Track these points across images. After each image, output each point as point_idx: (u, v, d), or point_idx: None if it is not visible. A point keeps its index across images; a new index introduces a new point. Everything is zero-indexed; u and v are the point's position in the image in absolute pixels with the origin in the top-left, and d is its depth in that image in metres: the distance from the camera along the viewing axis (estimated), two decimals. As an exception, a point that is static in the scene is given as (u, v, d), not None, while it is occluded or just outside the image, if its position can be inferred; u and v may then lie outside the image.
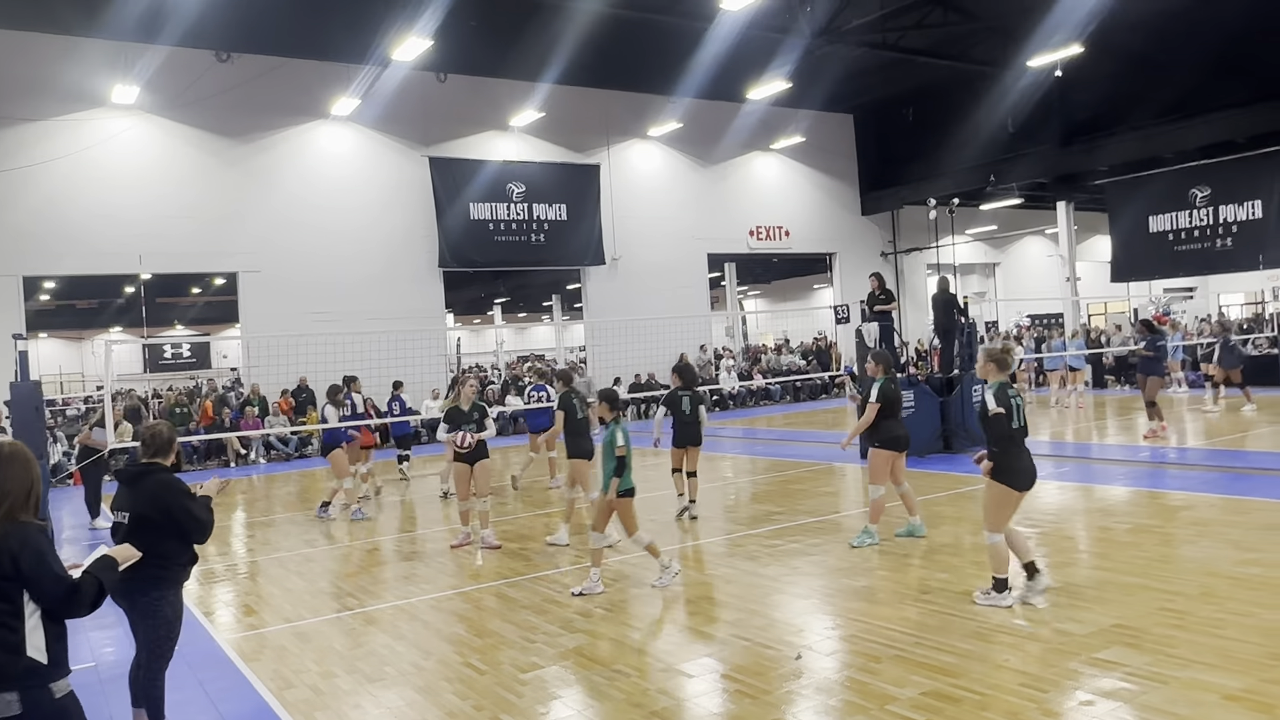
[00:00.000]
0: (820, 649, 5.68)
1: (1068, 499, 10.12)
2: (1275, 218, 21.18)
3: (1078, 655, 5.19)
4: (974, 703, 4.62)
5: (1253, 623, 5.43)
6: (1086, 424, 17.55)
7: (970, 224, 31.41)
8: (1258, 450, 12.86)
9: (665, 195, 26.45)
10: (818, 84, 24.26)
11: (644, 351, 22.51)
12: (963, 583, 6.86)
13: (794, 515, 9.92)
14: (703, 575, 7.81)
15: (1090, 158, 23.93)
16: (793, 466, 13.73)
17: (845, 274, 29.27)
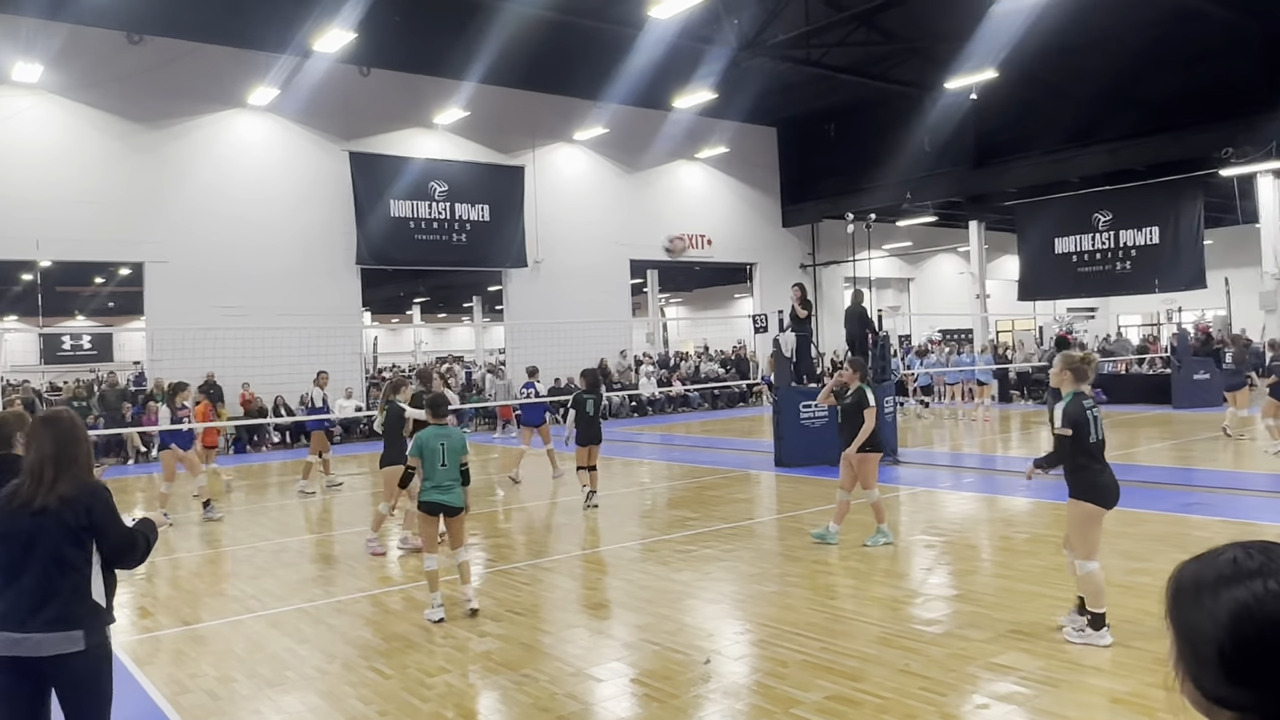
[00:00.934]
0: (729, 653, 5.74)
1: (972, 509, 10.43)
2: (1171, 244, 22.23)
3: (976, 660, 5.35)
4: (875, 706, 4.72)
5: (1139, 629, 5.67)
6: (992, 436, 18.13)
7: (887, 239, 32.17)
8: (1149, 465, 13.45)
9: (589, 200, 26.45)
10: (743, 96, 24.57)
11: (564, 355, 22.42)
12: (869, 589, 7.01)
13: (708, 521, 10.00)
14: (615, 580, 7.82)
15: (1001, 179, 24.76)
16: (709, 473, 13.85)
17: (765, 284, 29.67)
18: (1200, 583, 1.20)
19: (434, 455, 6.66)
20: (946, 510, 10.20)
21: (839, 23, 19.28)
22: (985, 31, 18.20)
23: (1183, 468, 13.07)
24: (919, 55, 21.82)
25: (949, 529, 9.13)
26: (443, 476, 6.65)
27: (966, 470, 13.41)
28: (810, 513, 10.28)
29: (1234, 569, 1.18)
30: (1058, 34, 18.90)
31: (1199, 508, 9.78)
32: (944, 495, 11.20)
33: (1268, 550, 1.20)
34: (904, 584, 7.29)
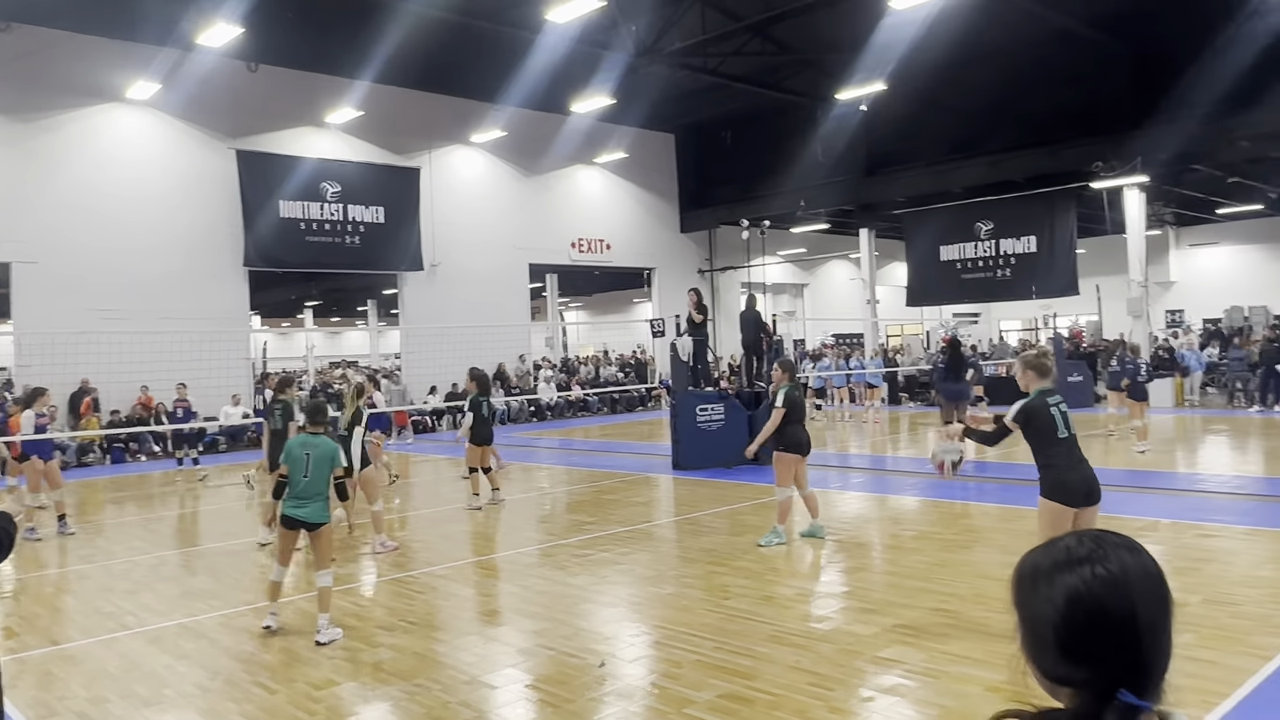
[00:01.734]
0: (624, 656, 5.76)
1: (862, 508, 10.74)
2: (1047, 252, 23.33)
3: (863, 655, 5.51)
4: (767, 703, 4.81)
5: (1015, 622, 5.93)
6: (882, 438, 18.68)
7: (782, 246, 32.85)
8: (1027, 463, 14.07)
9: (487, 203, 26.22)
10: (641, 102, 24.76)
11: (461, 360, 22.08)
12: (763, 588, 7.14)
13: (606, 525, 10.02)
14: (511, 586, 7.76)
15: (890, 189, 25.58)
16: (607, 477, 13.88)
17: (663, 289, 29.93)
18: (1038, 571, 1.29)
19: (298, 465, 6.36)
20: (838, 510, 10.47)
21: (734, 32, 19.61)
22: (874, 45, 18.80)
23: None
24: (812, 66, 22.37)
25: (840, 528, 9.37)
26: (305, 489, 6.35)
27: (856, 471, 13.78)
28: (706, 515, 10.42)
29: (1067, 556, 1.28)
30: (942, 50, 19.65)
31: (1071, 503, 10.27)
32: (835, 495, 11.49)
33: (1098, 539, 1.29)
34: (796, 583, 7.45)
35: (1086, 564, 1.26)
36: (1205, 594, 6.52)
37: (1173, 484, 11.50)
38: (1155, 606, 1.24)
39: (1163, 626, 1.25)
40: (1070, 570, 1.26)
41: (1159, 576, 1.27)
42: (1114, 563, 1.25)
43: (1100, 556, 1.26)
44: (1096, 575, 1.24)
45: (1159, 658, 1.24)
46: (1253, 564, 7.37)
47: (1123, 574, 1.24)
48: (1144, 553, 1.29)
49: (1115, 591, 1.23)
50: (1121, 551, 1.27)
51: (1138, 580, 1.24)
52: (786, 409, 8.58)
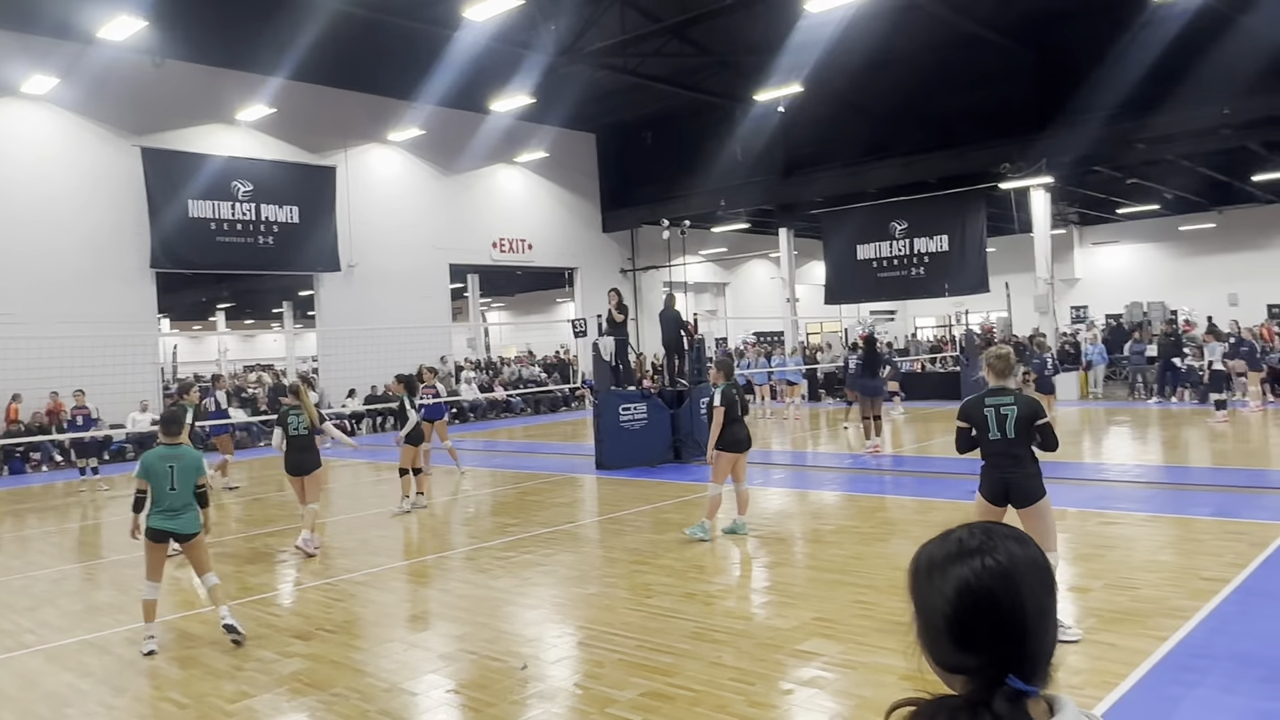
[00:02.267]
0: (547, 658, 5.74)
1: (784, 503, 10.89)
2: (959, 251, 24.01)
3: (782, 648, 5.59)
4: (688, 699, 4.85)
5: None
6: (802, 434, 18.98)
7: (703, 245, 33.12)
8: (941, 456, 14.47)
9: (406, 202, 25.83)
10: (561, 101, 24.69)
11: (381, 362, 21.79)
12: (685, 585, 7.19)
13: (529, 527, 9.96)
14: (432, 591, 7.67)
15: (807, 189, 26.00)
16: (531, 478, 13.81)
17: (586, 289, 29.90)
18: (932, 563, 1.33)
19: (162, 478, 6.26)
20: (760, 506, 10.60)
21: (654, 33, 19.70)
22: (790, 48, 19.09)
23: (969, 458, 14.09)
24: (730, 68, 22.60)
25: (762, 524, 9.49)
26: (172, 500, 6.25)
27: (778, 467, 13.98)
28: (629, 514, 10.44)
29: (959, 548, 1.31)
30: (856, 54, 20.06)
31: (983, 495, 10.60)
32: (757, 492, 11.62)
33: (989, 531, 1.33)
34: (718, 579, 7.52)
35: (977, 556, 1.29)
36: (1107, 579, 6.79)
37: (1079, 474, 11.92)
38: (1041, 595, 1.29)
39: (1048, 614, 1.30)
40: (961, 562, 1.30)
41: (1045, 567, 1.32)
42: (1003, 554, 1.29)
43: (990, 548, 1.30)
44: (986, 566, 1.28)
45: (1045, 644, 1.28)
46: (1152, 549, 7.70)
47: (1011, 565, 1.28)
48: (1031, 544, 1.33)
49: (1004, 582, 1.27)
50: (1010, 543, 1.31)
51: (1025, 571, 1.28)
52: (725, 407, 8.65)
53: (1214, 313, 26.95)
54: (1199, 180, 26.66)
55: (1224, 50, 17.74)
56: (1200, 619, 5.69)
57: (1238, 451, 13.39)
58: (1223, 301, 29.86)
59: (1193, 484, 10.95)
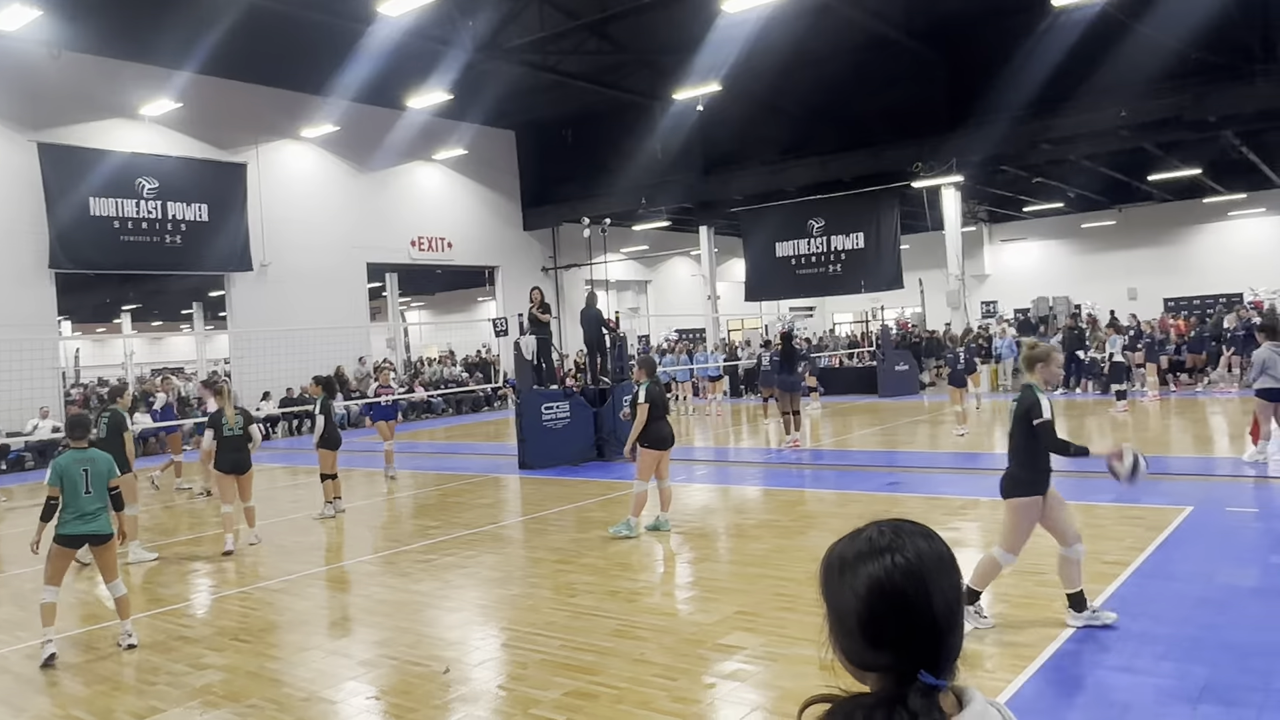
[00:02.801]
0: (470, 660, 5.69)
1: (707, 499, 10.99)
2: (874, 248, 24.54)
3: (705, 643, 5.64)
4: (611, 697, 4.86)
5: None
6: (724, 430, 19.16)
7: (625, 243, 33.18)
8: (859, 449, 14.78)
9: (321, 200, 25.28)
10: (480, 98, 24.44)
11: (296, 364, 21.32)
12: (609, 583, 7.21)
13: (451, 529, 9.86)
14: (352, 596, 7.53)
15: (727, 187, 26.26)
16: (452, 479, 13.66)
17: (507, 287, 29.69)
18: (843, 561, 1.34)
19: (76, 482, 6.18)
20: (683, 502, 10.67)
21: (572, 30, 19.65)
22: (708, 48, 19.25)
23: (887, 450, 14.46)
24: (649, 66, 22.68)
25: (685, 520, 9.56)
26: (87, 504, 6.18)
27: (700, 463, 14.10)
28: (552, 513, 10.41)
29: (869, 547, 1.33)
30: (773, 54, 20.34)
31: (899, 486, 10.88)
32: (680, 488, 11.70)
33: (898, 528, 1.35)
34: (642, 576, 7.55)
35: (887, 554, 1.31)
36: (1017, 566, 7.01)
37: (991, 464, 12.29)
38: (949, 590, 1.31)
39: (956, 609, 1.32)
40: (872, 560, 1.31)
41: (951, 561, 1.34)
42: (911, 551, 1.31)
43: (899, 546, 1.32)
44: (896, 564, 1.30)
45: (954, 638, 1.31)
46: (1057, 535, 7.98)
47: (919, 562, 1.30)
48: (938, 539, 1.36)
49: (913, 579, 1.29)
50: (918, 540, 1.33)
51: (933, 567, 1.31)
52: (650, 404, 8.68)
53: (1115, 306, 28.10)
54: (1100, 179, 27.76)
55: (1121, 55, 18.50)
56: (1102, 601, 5.93)
57: (1137, 440, 13.98)
58: (1123, 296, 31.17)
59: (1096, 472, 11.39)
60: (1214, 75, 18.56)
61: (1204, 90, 18.88)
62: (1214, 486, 9.68)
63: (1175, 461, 11.72)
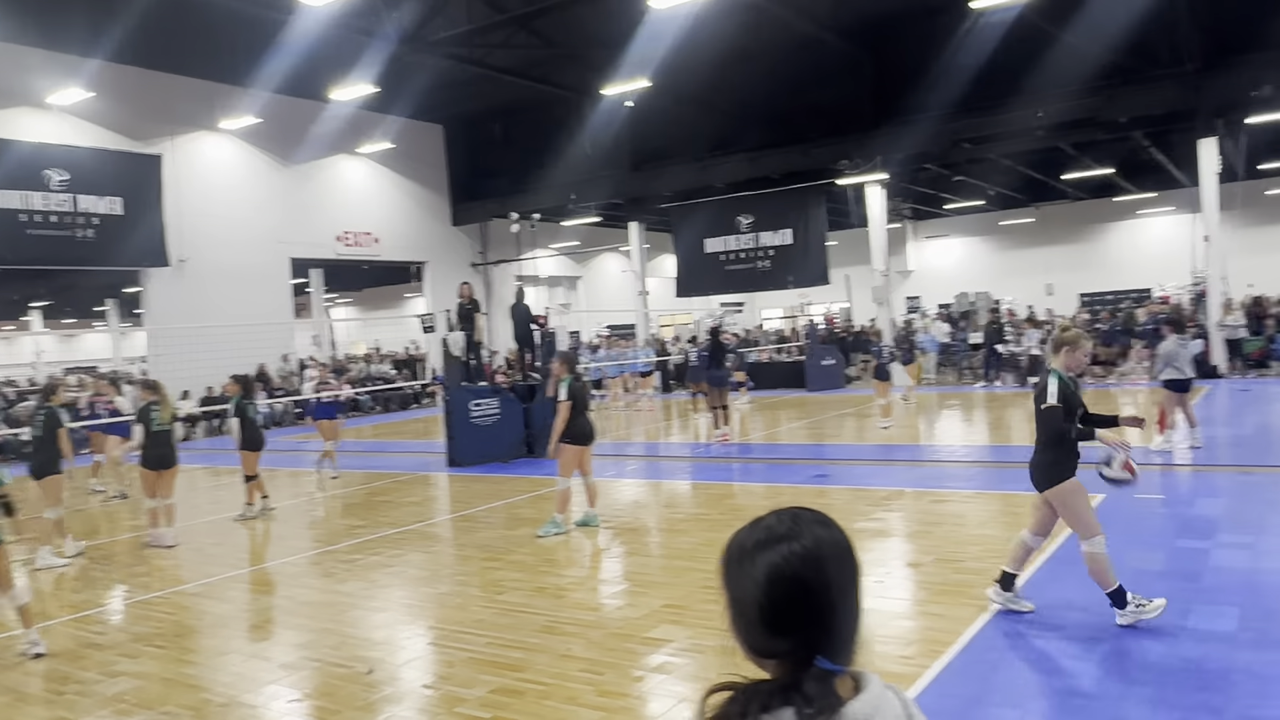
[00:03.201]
0: (395, 660, 5.62)
1: (637, 494, 11.02)
2: (802, 244, 24.85)
3: (633, 637, 5.66)
4: (537, 694, 4.85)
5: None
6: (655, 425, 19.23)
7: (555, 239, 33.04)
8: (788, 443, 14.98)
9: (241, 194, 24.62)
10: (407, 91, 24.05)
11: (217, 362, 20.70)
12: (537, 580, 7.18)
13: (377, 528, 9.71)
14: (274, 599, 7.37)
15: (656, 183, 26.32)
16: (379, 478, 13.46)
17: (436, 283, 29.32)
18: (743, 550, 1.36)
19: None
20: (613, 497, 10.69)
21: (500, 24, 19.48)
22: (637, 43, 19.25)
23: (814, 443, 14.69)
24: (577, 61, 22.59)
25: (615, 515, 9.57)
26: None
27: (630, 458, 14.13)
28: (481, 510, 10.33)
29: (768, 535, 1.35)
30: (702, 51, 20.43)
31: (827, 479, 11.05)
32: (610, 484, 11.72)
33: (796, 516, 1.37)
34: (570, 572, 7.54)
35: (784, 541, 1.33)
36: (937, 554, 7.20)
37: (914, 456, 12.59)
38: (845, 577, 1.34)
39: (853, 595, 1.34)
40: (770, 548, 1.33)
41: (849, 548, 1.36)
42: (809, 538, 1.33)
43: (797, 534, 1.34)
44: (794, 551, 1.32)
45: (851, 624, 1.34)
46: (977, 524, 8.21)
47: (817, 548, 1.32)
48: (835, 526, 1.38)
49: (810, 566, 1.31)
50: (816, 527, 1.35)
51: (830, 553, 1.33)
52: (572, 400, 8.64)
53: (1033, 301, 28.95)
54: (1018, 178, 28.54)
55: (1038, 58, 19.04)
56: (1020, 586, 6.10)
57: (1053, 430, 14.41)
58: (1040, 291, 32.10)
59: (1014, 461, 11.73)
60: (1125, 78, 19.24)
61: (1115, 93, 19.56)
62: (1124, 474, 10.02)
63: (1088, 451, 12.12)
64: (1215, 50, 18.59)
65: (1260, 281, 25.42)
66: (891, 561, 7.20)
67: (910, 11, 20.90)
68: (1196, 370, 12.04)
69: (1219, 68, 18.64)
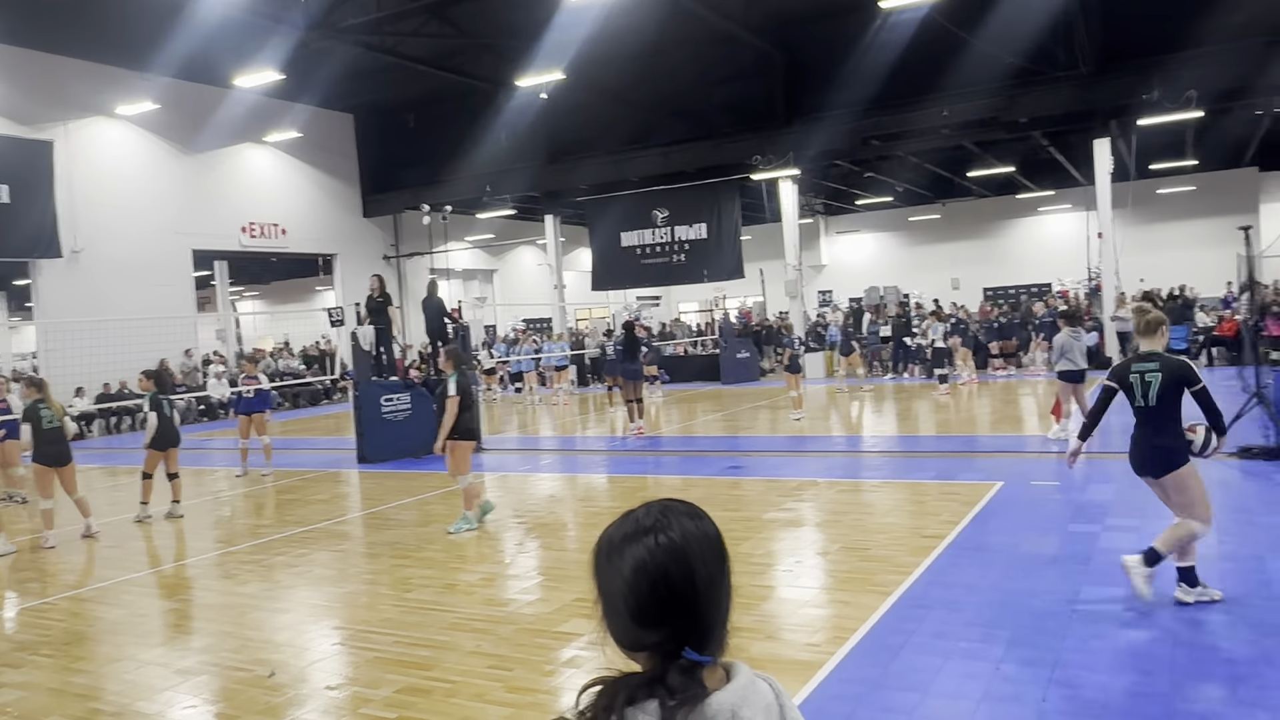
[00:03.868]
0: (299, 662, 5.48)
1: (552, 488, 10.97)
2: (716, 239, 25.06)
3: (543, 632, 5.64)
4: (444, 691, 4.78)
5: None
6: (571, 419, 19.18)
7: (470, 231, 32.64)
8: (703, 435, 15.11)
9: (140, 182, 23.67)
10: (315, 79, 23.43)
11: (115, 358, 19.89)
12: (446, 576, 7.09)
13: (282, 527, 9.46)
14: (172, 602, 7.12)
15: (572, 176, 26.21)
16: (287, 475, 13.12)
17: (347, 276, 28.66)
18: (611, 543, 1.35)
19: None
20: (527, 491, 10.63)
21: (411, 11, 19.10)
22: (552, 35, 19.12)
23: (728, 435, 14.84)
24: (492, 52, 22.33)
25: (528, 510, 9.52)
26: None
27: (546, 452, 14.07)
28: (392, 507, 10.16)
29: (635, 527, 1.35)
30: (617, 44, 20.41)
31: (740, 470, 11.17)
32: (525, 478, 11.65)
33: (665, 509, 1.37)
34: (481, 568, 7.46)
35: (651, 534, 1.33)
36: (843, 542, 7.34)
37: (826, 446, 12.83)
38: (712, 568, 1.33)
39: (720, 587, 1.34)
40: (636, 541, 1.33)
41: (717, 540, 1.37)
42: (676, 531, 1.33)
43: (664, 525, 1.34)
44: (660, 544, 1.31)
45: (718, 615, 1.33)
46: (882, 513, 8.41)
47: (684, 541, 1.32)
48: (706, 519, 1.38)
49: (676, 558, 1.31)
50: (684, 519, 1.35)
51: (697, 545, 1.33)
52: (460, 396, 8.50)
53: (940, 295, 29.76)
54: (926, 175, 29.30)
55: (944, 59, 19.53)
56: (919, 574, 6.28)
57: (956, 420, 14.88)
58: (946, 286, 33.02)
59: (920, 451, 12.07)
60: (1025, 80, 19.88)
61: (1016, 94, 20.20)
62: (1022, 463, 10.40)
63: (989, 440, 12.55)
64: (1108, 55, 19.35)
65: (1151, 277, 26.62)
66: (802, 550, 7.32)
67: (821, 10, 21.21)
68: (1090, 361, 12.56)
69: (1112, 72, 19.42)
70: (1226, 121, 23.67)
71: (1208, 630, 4.98)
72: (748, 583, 6.26)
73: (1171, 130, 22.62)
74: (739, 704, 1.31)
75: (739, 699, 1.31)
